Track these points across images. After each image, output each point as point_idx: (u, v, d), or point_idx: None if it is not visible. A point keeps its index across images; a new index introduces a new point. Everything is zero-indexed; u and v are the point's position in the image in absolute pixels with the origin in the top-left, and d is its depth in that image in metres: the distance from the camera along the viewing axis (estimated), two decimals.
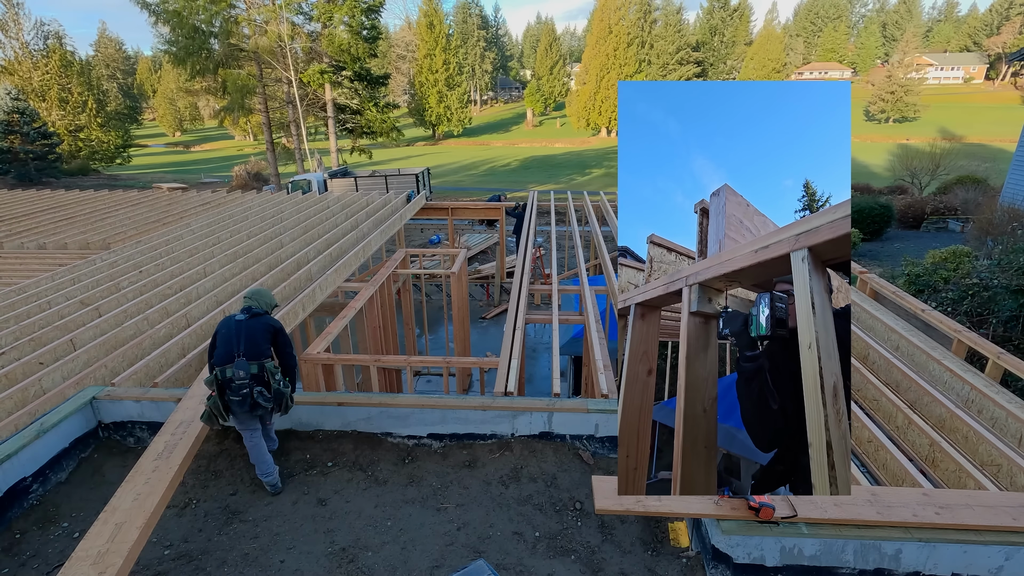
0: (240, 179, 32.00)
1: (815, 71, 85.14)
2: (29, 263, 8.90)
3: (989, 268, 8.88)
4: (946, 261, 10.44)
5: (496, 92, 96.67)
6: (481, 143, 66.59)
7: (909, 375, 4.88)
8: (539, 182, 36.33)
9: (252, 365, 3.60)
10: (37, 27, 43.14)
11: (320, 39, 28.81)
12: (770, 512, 2.76)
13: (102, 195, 14.48)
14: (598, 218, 13.97)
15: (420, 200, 14.04)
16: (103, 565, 2.61)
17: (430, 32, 61.98)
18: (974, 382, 4.46)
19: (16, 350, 5.35)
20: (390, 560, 3.22)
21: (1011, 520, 2.73)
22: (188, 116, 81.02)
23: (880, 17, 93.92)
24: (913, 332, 5.54)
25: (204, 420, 3.68)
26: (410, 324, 10.91)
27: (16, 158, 35.28)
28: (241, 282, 7.32)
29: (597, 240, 10.48)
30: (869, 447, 4.29)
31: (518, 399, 4.41)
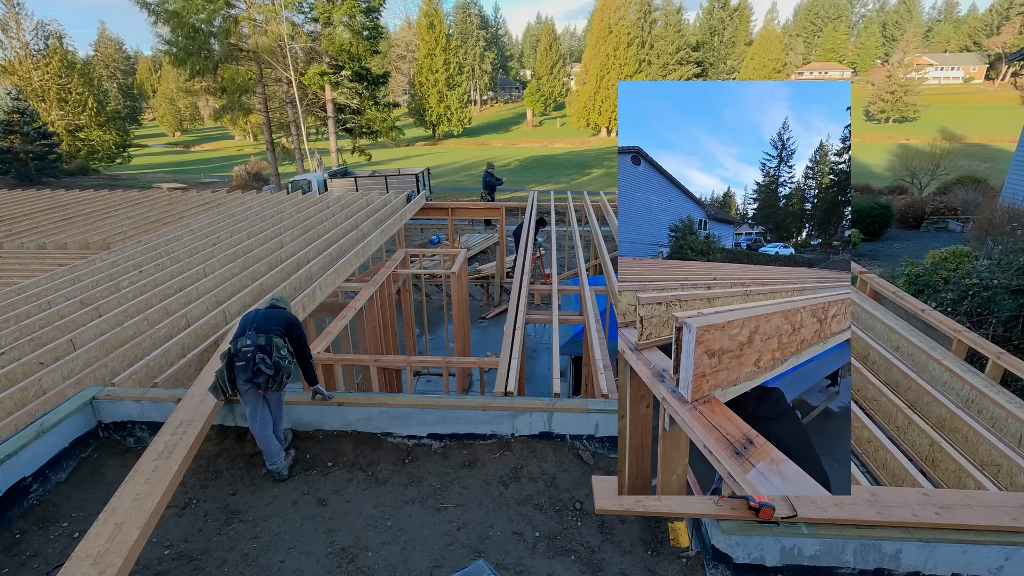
0: (240, 179, 31.97)
1: (815, 71, 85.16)
2: (29, 263, 8.90)
3: (989, 268, 8.88)
4: (946, 261, 10.45)
5: (496, 92, 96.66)
6: (481, 143, 66.58)
7: (909, 375, 4.88)
8: (539, 182, 36.31)
9: (260, 337, 3.84)
10: (38, 27, 43.16)
11: (320, 39, 28.81)
12: (770, 512, 2.76)
13: (102, 195, 14.47)
14: (598, 218, 13.96)
15: (420, 200, 14.03)
16: (103, 565, 2.61)
17: (430, 32, 61.98)
18: (974, 382, 4.47)
19: (16, 350, 5.35)
20: (390, 560, 3.22)
21: (1011, 520, 2.73)
22: (188, 116, 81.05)
23: (880, 17, 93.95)
24: (913, 332, 5.54)
25: (211, 390, 3.96)
26: (410, 324, 10.90)
27: (16, 158, 35.25)
28: (241, 282, 7.32)
29: (597, 240, 10.48)
30: (869, 447, 4.29)
31: (518, 399, 4.41)
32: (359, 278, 10.32)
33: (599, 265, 11.76)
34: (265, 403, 3.93)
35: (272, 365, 3.78)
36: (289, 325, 4.06)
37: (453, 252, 10.19)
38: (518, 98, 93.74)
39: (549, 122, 78.81)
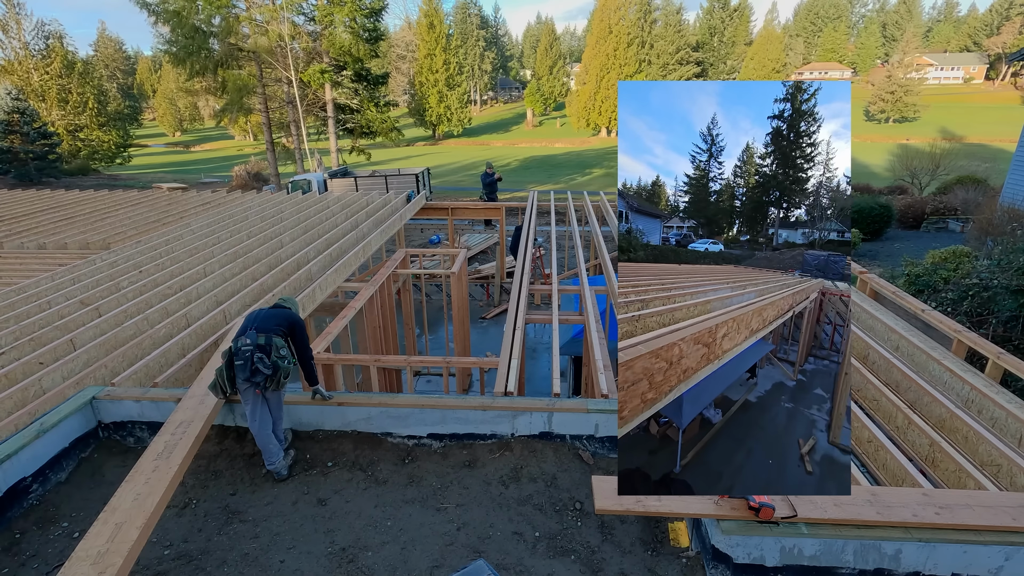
0: (240, 179, 31.97)
1: (815, 71, 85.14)
2: (29, 263, 8.90)
3: (989, 268, 8.87)
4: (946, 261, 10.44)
5: (496, 92, 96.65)
6: (481, 143, 66.56)
7: (909, 375, 4.87)
8: (539, 182, 36.33)
9: (260, 336, 3.85)
10: (38, 27, 43.17)
11: (321, 39, 28.81)
12: (770, 512, 2.76)
13: (102, 195, 14.47)
14: (598, 218, 13.96)
15: (420, 200, 14.03)
16: (103, 565, 2.61)
17: (430, 32, 61.99)
18: (974, 382, 4.46)
19: (16, 350, 5.35)
20: (390, 560, 3.22)
21: (1011, 520, 2.73)
22: (188, 116, 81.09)
23: (880, 17, 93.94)
24: (913, 332, 5.54)
25: (210, 388, 3.99)
26: (410, 324, 10.90)
27: (16, 158, 35.27)
28: (241, 282, 7.32)
29: (597, 240, 10.48)
30: (869, 447, 4.29)
31: (518, 399, 4.41)
32: (359, 278, 10.33)
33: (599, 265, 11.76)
34: (264, 402, 3.93)
35: (270, 365, 3.78)
36: (292, 325, 4.06)
37: (453, 252, 10.19)
38: (518, 98, 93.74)
39: (549, 122, 78.81)
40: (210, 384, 4.01)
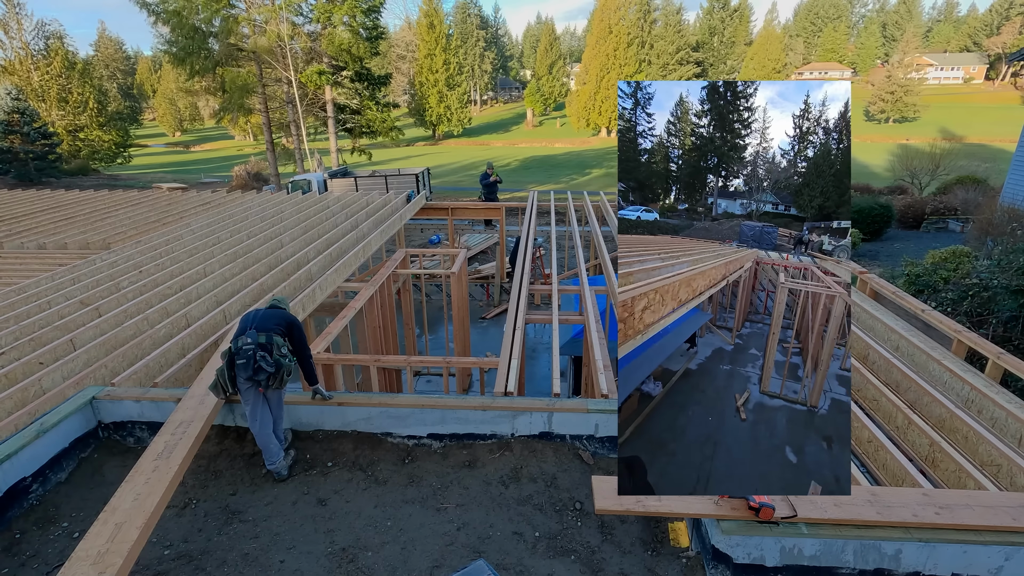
0: (240, 179, 31.97)
1: (815, 71, 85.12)
2: (29, 263, 8.90)
3: (989, 268, 8.88)
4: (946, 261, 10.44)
5: (496, 92, 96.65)
6: (481, 143, 66.57)
7: (909, 375, 4.88)
8: (539, 182, 36.32)
9: (261, 335, 3.86)
10: (38, 27, 43.18)
11: (320, 39, 28.80)
12: (770, 512, 2.76)
13: (102, 195, 14.47)
14: (598, 218, 13.95)
15: (420, 200, 14.04)
16: (103, 565, 2.61)
17: (430, 32, 61.99)
18: (974, 382, 4.47)
19: (16, 350, 5.35)
20: (390, 560, 3.22)
21: (1011, 520, 2.73)
22: (188, 116, 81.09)
23: (880, 17, 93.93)
24: (913, 332, 5.54)
25: (211, 388, 4.00)
26: (410, 324, 10.90)
27: (16, 158, 35.26)
28: (241, 282, 7.32)
29: (597, 240, 10.48)
30: (869, 447, 4.29)
31: (518, 399, 4.41)
32: (359, 278, 10.32)
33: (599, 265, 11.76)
34: (265, 402, 3.94)
35: (273, 363, 3.80)
36: (289, 325, 4.08)
37: (453, 252, 10.19)
38: (518, 98, 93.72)
39: (549, 122, 78.79)
40: (210, 384, 4.02)
